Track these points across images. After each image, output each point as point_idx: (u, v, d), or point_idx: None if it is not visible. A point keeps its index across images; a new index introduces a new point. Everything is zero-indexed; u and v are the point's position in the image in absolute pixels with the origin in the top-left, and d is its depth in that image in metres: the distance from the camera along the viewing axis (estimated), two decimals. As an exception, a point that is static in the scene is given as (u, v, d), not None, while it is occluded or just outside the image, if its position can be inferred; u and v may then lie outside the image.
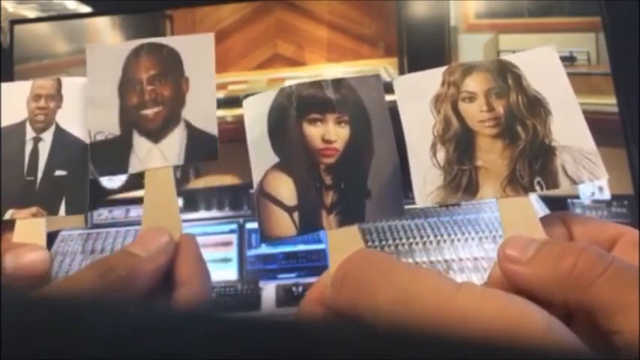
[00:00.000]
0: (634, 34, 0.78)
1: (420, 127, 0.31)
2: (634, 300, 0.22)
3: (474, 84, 0.31)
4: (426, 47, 0.88)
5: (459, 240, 0.78)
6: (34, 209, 0.33)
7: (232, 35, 0.89)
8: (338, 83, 0.32)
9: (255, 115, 0.32)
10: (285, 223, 0.30)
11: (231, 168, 0.83)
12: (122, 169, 0.33)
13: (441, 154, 0.30)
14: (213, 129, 0.33)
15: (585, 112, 0.30)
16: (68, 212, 0.33)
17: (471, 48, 0.86)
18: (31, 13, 0.96)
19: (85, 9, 0.96)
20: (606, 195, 0.77)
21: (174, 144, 0.33)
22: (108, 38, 0.90)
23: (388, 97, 0.32)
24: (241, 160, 0.32)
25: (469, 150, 0.30)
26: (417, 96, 0.32)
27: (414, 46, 0.87)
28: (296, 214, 0.30)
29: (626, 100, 0.76)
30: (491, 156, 0.30)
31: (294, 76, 0.88)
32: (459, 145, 0.30)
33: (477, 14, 0.87)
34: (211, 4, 0.89)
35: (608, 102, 0.77)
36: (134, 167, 0.33)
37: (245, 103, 0.33)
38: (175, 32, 0.89)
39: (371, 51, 0.88)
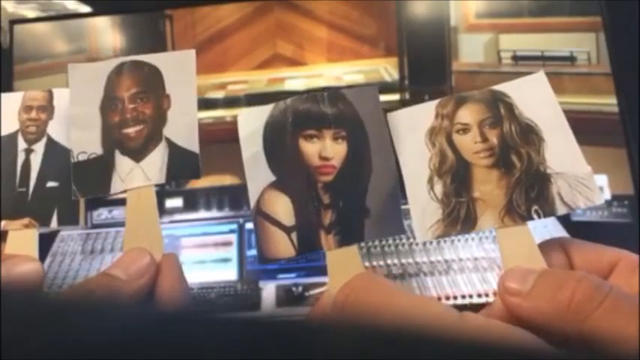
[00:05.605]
0: (634, 34, 0.78)
1: (416, 161, 0.31)
2: (633, 331, 0.21)
3: (466, 115, 0.31)
4: (426, 47, 0.88)
5: (459, 240, 0.78)
6: (25, 220, 0.33)
7: (232, 35, 0.89)
8: (334, 96, 0.31)
9: (250, 131, 0.32)
10: (283, 244, 0.29)
11: (231, 168, 0.83)
12: (104, 189, 0.32)
13: (439, 188, 0.30)
14: (194, 146, 0.33)
15: (585, 112, 0.30)
16: (60, 223, 0.33)
17: (471, 48, 0.86)
18: (31, 13, 0.96)
19: (85, 9, 0.96)
20: (606, 195, 0.77)
21: (156, 162, 0.33)
22: (108, 38, 0.90)
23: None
24: (241, 160, 0.32)
25: (465, 182, 0.30)
26: (411, 130, 0.32)
27: (414, 46, 0.87)
28: (294, 235, 0.29)
29: (626, 100, 0.76)
30: (487, 187, 0.30)
31: (294, 76, 0.88)
32: (456, 177, 0.30)
33: (477, 14, 0.87)
34: (211, 4, 0.89)
35: (608, 102, 0.77)
36: (116, 187, 0.32)
37: (240, 118, 0.32)
38: (175, 32, 0.89)
39: (371, 51, 0.88)
